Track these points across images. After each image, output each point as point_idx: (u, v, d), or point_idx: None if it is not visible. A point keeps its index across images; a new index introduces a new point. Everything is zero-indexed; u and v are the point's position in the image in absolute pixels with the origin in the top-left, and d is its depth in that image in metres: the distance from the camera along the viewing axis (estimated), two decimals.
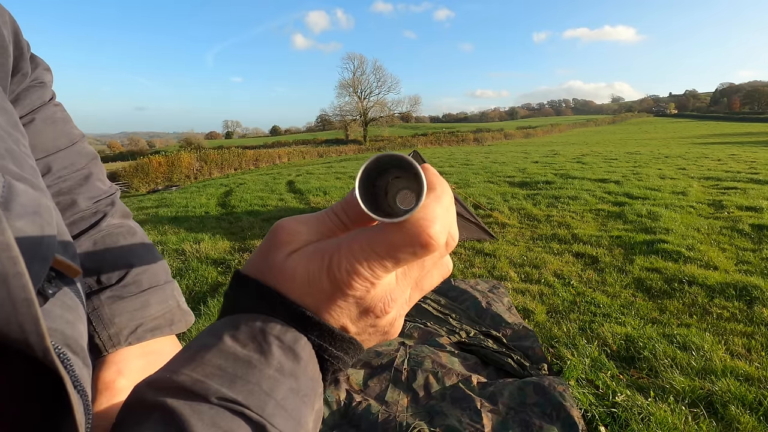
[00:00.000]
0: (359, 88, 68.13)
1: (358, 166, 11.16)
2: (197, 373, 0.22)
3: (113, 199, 0.54)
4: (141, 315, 0.48)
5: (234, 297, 0.27)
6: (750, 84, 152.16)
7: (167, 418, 0.21)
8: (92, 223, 0.50)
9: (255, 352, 0.23)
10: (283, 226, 0.26)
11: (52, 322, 0.26)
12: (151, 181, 22.35)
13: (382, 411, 1.84)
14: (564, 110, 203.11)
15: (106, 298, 0.46)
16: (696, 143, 24.55)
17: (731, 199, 6.17)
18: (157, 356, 0.48)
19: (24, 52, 0.47)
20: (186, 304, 0.54)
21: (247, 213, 6.92)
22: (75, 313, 0.29)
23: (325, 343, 0.25)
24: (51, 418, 0.23)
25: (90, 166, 0.53)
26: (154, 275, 0.51)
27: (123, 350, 0.46)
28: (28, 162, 0.30)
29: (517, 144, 34.89)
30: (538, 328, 2.75)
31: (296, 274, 0.24)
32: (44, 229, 0.24)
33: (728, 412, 1.89)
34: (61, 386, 0.21)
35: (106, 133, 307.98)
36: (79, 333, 0.29)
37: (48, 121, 0.50)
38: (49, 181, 0.48)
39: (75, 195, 0.49)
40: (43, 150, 0.49)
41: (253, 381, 0.23)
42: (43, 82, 0.52)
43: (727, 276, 3.41)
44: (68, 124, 0.53)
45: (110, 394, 0.42)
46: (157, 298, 0.50)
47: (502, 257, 4.14)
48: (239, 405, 0.22)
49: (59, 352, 0.25)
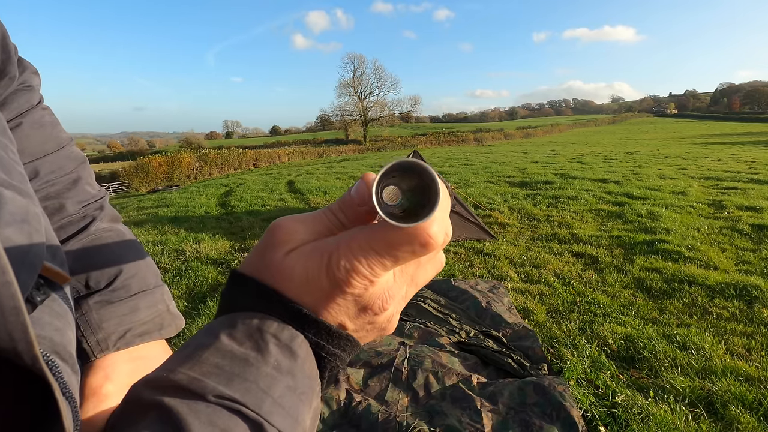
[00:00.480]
0: (359, 88, 68.17)
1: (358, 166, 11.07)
2: (194, 372, 0.22)
3: (102, 203, 0.53)
4: (130, 320, 0.47)
5: (231, 296, 0.27)
6: (750, 84, 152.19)
7: (164, 417, 0.21)
8: (81, 227, 0.50)
9: (252, 350, 0.23)
10: (281, 225, 0.26)
11: (41, 330, 0.26)
12: (151, 181, 22.35)
13: (382, 411, 1.84)
14: (564, 110, 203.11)
15: (95, 302, 0.46)
16: (696, 143, 24.56)
17: (731, 199, 6.17)
18: (146, 361, 0.48)
19: (11, 55, 0.46)
20: (176, 308, 0.54)
21: (247, 213, 6.92)
22: (64, 320, 0.29)
23: (322, 340, 0.25)
24: (39, 425, 0.23)
25: (78, 170, 0.52)
26: (143, 279, 0.50)
27: (111, 355, 0.46)
28: (17, 168, 0.30)
29: (517, 144, 34.89)
30: (538, 328, 2.75)
31: (294, 273, 0.24)
32: (32, 236, 0.24)
33: (728, 412, 1.89)
34: (50, 393, 0.21)
35: (105, 133, 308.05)
36: (68, 340, 0.29)
37: (36, 125, 0.50)
38: (37, 185, 0.47)
39: (63, 199, 0.49)
40: (30, 154, 0.48)
41: (251, 379, 0.23)
42: (31, 85, 0.52)
43: (727, 276, 3.41)
44: (56, 128, 0.53)
45: (97, 399, 0.42)
46: (146, 302, 0.49)
47: (502, 257, 4.14)
48: (236, 403, 0.22)
49: (48, 360, 0.25)
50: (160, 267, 4.24)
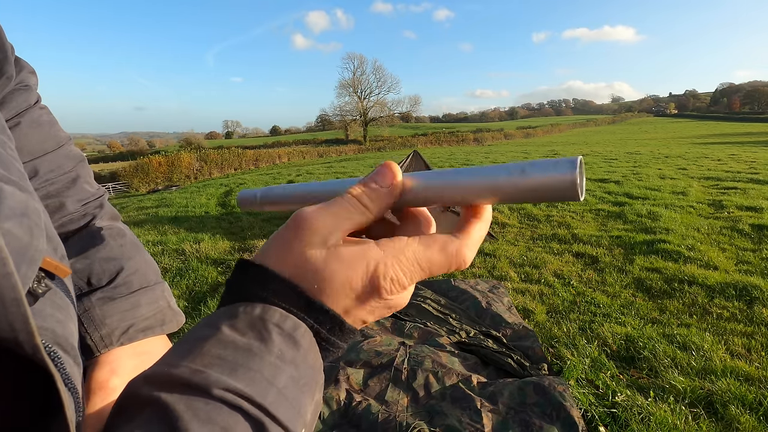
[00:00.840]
0: (359, 88, 68.18)
1: (358, 166, 11.07)
2: (196, 364, 0.22)
3: (101, 202, 0.54)
4: (132, 315, 0.48)
5: (241, 286, 0.26)
6: (750, 84, 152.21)
7: (161, 414, 0.20)
8: (81, 225, 0.50)
9: (255, 340, 0.23)
10: (307, 217, 0.26)
11: (42, 321, 0.26)
12: (151, 180, 22.36)
13: (382, 411, 1.84)
14: (564, 110, 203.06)
15: (97, 299, 0.46)
16: (696, 143, 24.55)
17: (731, 199, 6.17)
18: (150, 356, 0.48)
19: (8, 55, 0.46)
20: (176, 304, 0.55)
21: (247, 213, 6.92)
22: (65, 312, 0.29)
23: (334, 336, 0.26)
24: (41, 417, 0.23)
25: (77, 169, 0.53)
26: (144, 276, 0.51)
27: (115, 350, 0.46)
28: (15, 165, 0.30)
29: (517, 144, 34.89)
30: (538, 328, 2.75)
31: (335, 277, 0.25)
32: (32, 230, 0.24)
33: (728, 412, 1.89)
34: (52, 384, 0.21)
35: (105, 133, 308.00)
36: (70, 332, 0.29)
37: (34, 124, 0.50)
38: (37, 184, 0.48)
39: (63, 198, 0.50)
40: (29, 153, 0.48)
41: (255, 368, 0.22)
42: (28, 85, 0.52)
43: (727, 276, 3.41)
44: (54, 127, 0.53)
45: (104, 393, 0.42)
46: (147, 298, 0.50)
47: (502, 257, 4.14)
48: (241, 395, 0.21)
49: (50, 351, 0.25)
50: (160, 267, 4.23)
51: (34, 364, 0.21)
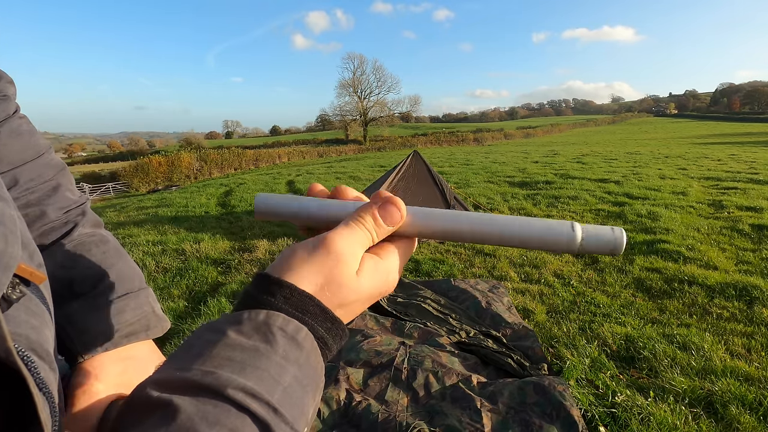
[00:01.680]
0: (359, 88, 68.13)
1: (358, 166, 11.09)
2: (207, 366, 0.23)
3: (84, 209, 0.54)
4: (116, 321, 0.48)
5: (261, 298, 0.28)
6: (750, 84, 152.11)
7: (171, 416, 0.21)
8: (63, 233, 0.50)
9: (261, 342, 0.25)
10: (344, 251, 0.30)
11: (16, 327, 0.26)
12: (151, 180, 22.35)
13: (382, 410, 1.84)
14: (564, 110, 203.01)
15: (80, 306, 0.46)
16: (696, 143, 24.55)
17: (731, 199, 6.17)
18: (134, 361, 0.48)
19: None
20: (161, 310, 0.55)
21: (247, 213, 6.92)
22: (41, 318, 0.29)
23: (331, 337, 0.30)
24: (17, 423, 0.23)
25: (58, 177, 0.53)
26: (127, 282, 0.51)
27: (99, 356, 0.46)
28: None
29: (517, 144, 34.89)
30: (538, 328, 2.75)
31: (362, 289, 0.31)
32: (7, 237, 0.24)
33: (728, 412, 1.89)
34: (25, 388, 0.21)
35: (105, 132, 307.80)
36: (45, 338, 0.29)
37: (13, 134, 0.50)
38: (17, 193, 0.48)
39: (44, 206, 0.49)
40: (8, 163, 0.48)
41: (262, 367, 0.24)
42: (7, 95, 0.52)
43: (727, 276, 3.41)
44: (34, 137, 0.53)
45: (87, 397, 0.42)
46: (131, 304, 0.50)
47: (502, 257, 4.14)
48: (249, 393, 0.22)
49: (23, 356, 0.25)
50: (160, 267, 4.24)
51: (7, 367, 0.21)
